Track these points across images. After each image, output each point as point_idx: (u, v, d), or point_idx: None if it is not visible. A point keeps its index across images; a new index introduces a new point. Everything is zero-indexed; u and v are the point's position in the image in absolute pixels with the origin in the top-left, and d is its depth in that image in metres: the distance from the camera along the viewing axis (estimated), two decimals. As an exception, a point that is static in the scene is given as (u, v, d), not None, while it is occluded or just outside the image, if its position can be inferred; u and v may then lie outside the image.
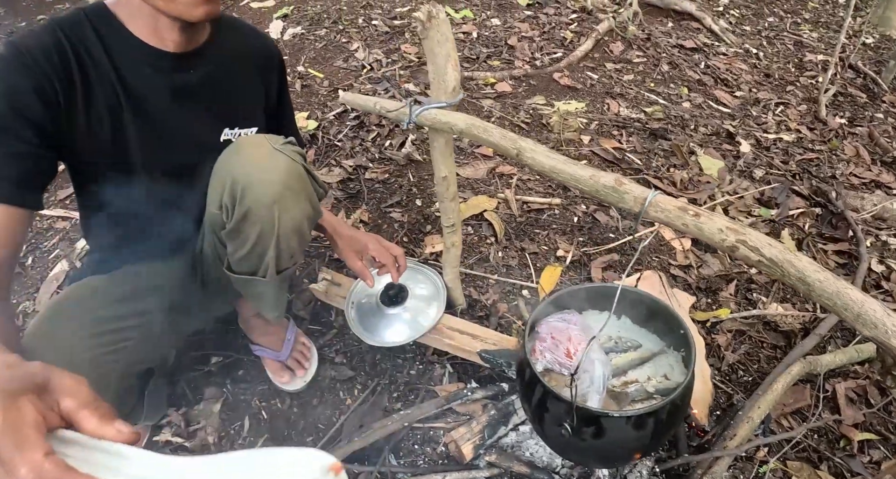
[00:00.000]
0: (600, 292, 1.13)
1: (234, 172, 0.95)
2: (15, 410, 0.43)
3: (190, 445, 1.31)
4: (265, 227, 0.98)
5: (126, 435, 0.44)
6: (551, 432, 0.93)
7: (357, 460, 1.19)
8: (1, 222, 0.84)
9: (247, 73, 1.12)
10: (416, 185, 1.91)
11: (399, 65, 2.55)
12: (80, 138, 0.93)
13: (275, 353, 1.35)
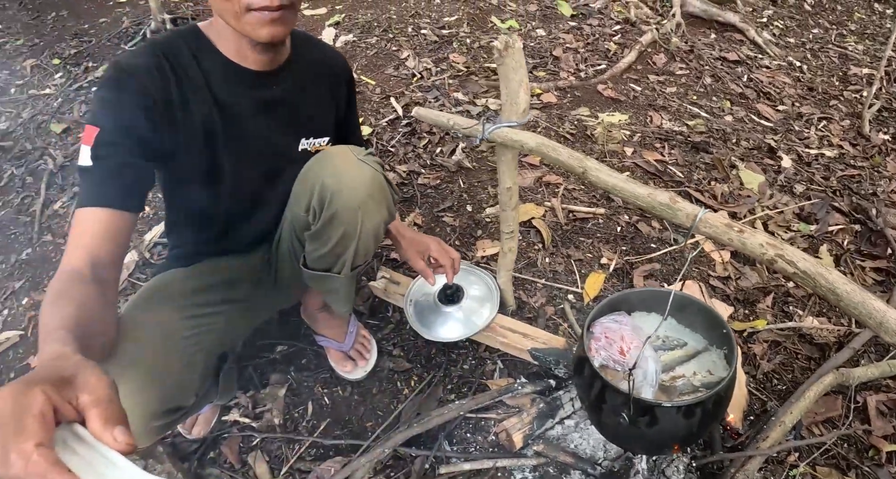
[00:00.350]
0: (648, 296, 1.25)
1: (324, 179, 1.08)
2: (24, 398, 0.45)
3: (257, 425, 1.47)
4: (349, 229, 1.12)
5: (121, 445, 0.45)
6: (609, 421, 1.06)
7: (414, 444, 1.34)
8: (111, 225, 0.93)
9: (321, 87, 1.25)
10: (467, 191, 2.05)
11: (448, 74, 2.70)
12: (177, 149, 1.05)
13: (338, 344, 1.50)
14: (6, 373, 1.77)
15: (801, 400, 1.46)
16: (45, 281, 2.05)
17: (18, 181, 2.53)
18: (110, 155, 0.94)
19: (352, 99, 1.37)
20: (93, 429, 0.46)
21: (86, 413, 0.46)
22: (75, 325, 0.72)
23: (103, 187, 0.93)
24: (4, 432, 0.43)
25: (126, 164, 0.95)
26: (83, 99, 2.93)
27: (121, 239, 0.95)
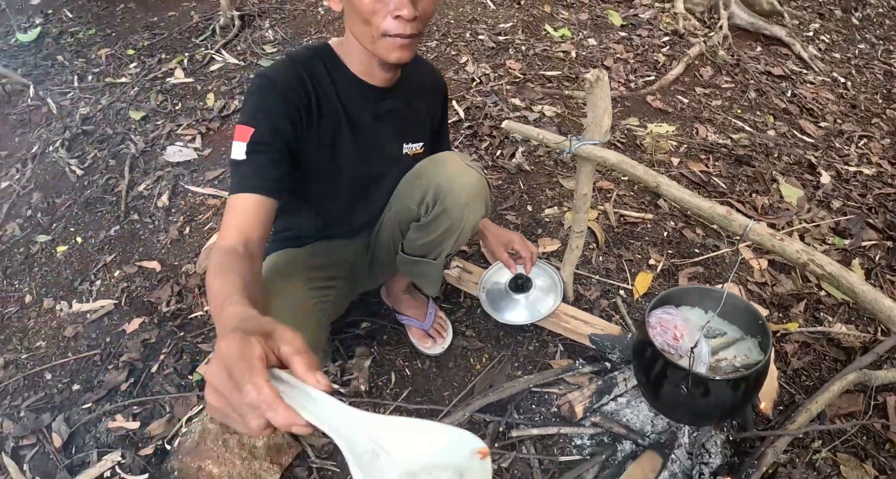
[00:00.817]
0: (694, 293, 1.52)
1: (439, 179, 1.35)
2: (248, 343, 0.55)
3: (345, 391, 1.77)
4: (454, 223, 1.39)
5: (322, 385, 0.55)
6: (667, 394, 1.34)
7: (488, 411, 1.62)
8: (261, 209, 1.11)
9: (423, 101, 1.53)
10: (527, 192, 2.34)
11: (505, 80, 2.98)
12: (309, 150, 1.30)
13: (420, 323, 1.79)
14: (102, 337, 2.08)
15: (826, 392, 1.72)
16: (134, 256, 2.36)
17: (102, 163, 2.84)
18: (262, 152, 1.17)
19: (445, 110, 1.65)
20: (298, 372, 0.55)
21: (289, 360, 0.56)
22: (243, 291, 0.86)
23: (255, 178, 1.14)
24: (239, 367, 0.53)
25: (275, 160, 1.19)
26: (159, 89, 3.25)
27: (267, 222, 1.13)
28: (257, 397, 0.51)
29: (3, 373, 2.03)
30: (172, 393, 1.82)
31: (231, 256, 1.00)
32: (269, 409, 0.51)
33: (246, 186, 1.13)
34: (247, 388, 0.52)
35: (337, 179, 1.43)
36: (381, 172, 1.50)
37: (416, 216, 1.43)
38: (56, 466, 1.73)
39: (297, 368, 0.56)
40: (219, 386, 0.54)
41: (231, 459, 1.49)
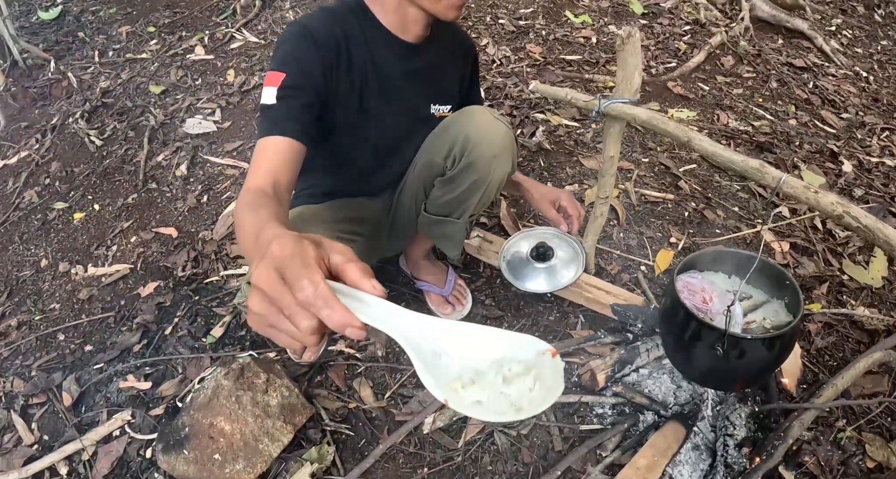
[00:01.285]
0: (720, 256, 1.46)
1: (468, 130, 1.30)
2: (302, 244, 0.51)
3: (361, 356, 1.73)
4: (481, 176, 1.34)
5: (378, 290, 0.51)
6: (700, 357, 1.28)
7: (506, 377, 1.57)
8: (290, 153, 1.09)
9: (453, 61, 1.50)
10: (547, 169, 2.29)
11: (525, 62, 2.93)
12: (336, 101, 1.28)
13: (439, 289, 1.75)
14: (116, 300, 2.05)
15: (852, 369, 1.66)
16: (151, 222, 2.33)
17: (121, 134, 2.82)
18: (293, 96, 1.15)
19: (475, 72, 1.61)
20: (352, 278, 0.51)
21: (342, 268, 0.52)
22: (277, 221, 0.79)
23: (286, 122, 1.12)
24: (294, 264, 0.49)
25: (305, 105, 1.17)
26: (179, 65, 3.23)
27: (295, 167, 1.11)
28: (313, 293, 0.47)
29: (16, 334, 2.01)
30: (185, 355, 1.79)
31: (261, 195, 0.97)
32: (325, 306, 0.47)
33: (276, 128, 1.10)
34: (302, 283, 0.47)
35: (362, 135, 1.40)
36: (407, 131, 1.47)
37: (442, 171, 1.39)
38: (65, 424, 1.70)
39: (351, 274, 0.52)
40: (269, 286, 0.49)
41: (244, 416, 1.44)
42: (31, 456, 1.63)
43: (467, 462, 1.46)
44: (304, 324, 0.48)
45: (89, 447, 1.62)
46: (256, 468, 1.41)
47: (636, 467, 1.37)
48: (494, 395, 0.47)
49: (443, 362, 0.50)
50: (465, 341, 0.51)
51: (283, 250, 0.50)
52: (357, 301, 0.51)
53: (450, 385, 0.48)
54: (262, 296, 0.50)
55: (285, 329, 0.50)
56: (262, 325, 0.51)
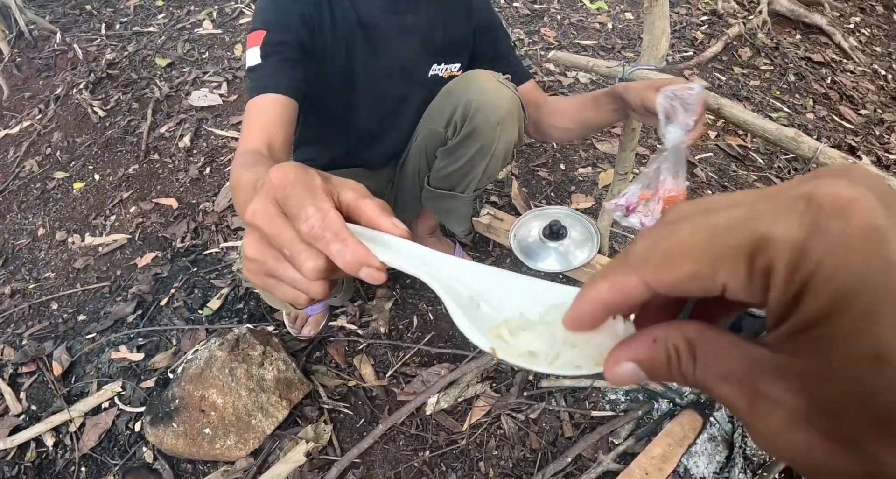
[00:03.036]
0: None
1: (469, 95, 1.18)
2: (307, 172, 0.41)
3: (363, 332, 1.63)
4: (485, 145, 1.23)
5: (400, 230, 0.41)
6: None
7: (514, 359, 1.47)
8: (283, 110, 1.01)
9: (456, 16, 1.33)
10: (560, 151, 2.18)
11: (539, 46, 2.82)
12: (324, 57, 1.17)
13: (446, 267, 1.64)
14: (112, 270, 1.95)
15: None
16: (151, 193, 2.24)
17: (125, 106, 2.72)
18: (278, 52, 1.06)
19: (493, 28, 1.39)
20: (369, 215, 0.41)
21: (356, 205, 0.41)
22: None
23: (274, 78, 1.03)
24: (297, 190, 0.39)
25: (292, 59, 1.07)
26: (186, 38, 3.12)
27: (289, 125, 1.02)
28: (320, 223, 0.37)
29: (8, 302, 1.92)
30: (180, 326, 1.69)
31: (257, 155, 0.89)
32: (336, 239, 0.37)
33: (265, 86, 1.02)
34: (308, 211, 0.37)
35: (353, 99, 1.28)
36: (404, 94, 1.34)
37: (444, 140, 1.28)
38: (54, 394, 1.61)
39: (367, 211, 0.41)
40: (266, 222, 0.39)
41: (237, 389, 1.35)
42: (17, 426, 1.56)
43: (472, 446, 1.36)
44: (309, 265, 0.38)
45: (77, 418, 1.54)
46: (248, 445, 1.32)
47: (651, 455, 1.27)
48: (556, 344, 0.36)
49: (483, 311, 0.39)
50: (509, 289, 0.40)
51: (283, 177, 0.40)
52: (376, 244, 0.40)
53: (494, 332, 0.37)
54: (258, 236, 0.40)
55: (286, 276, 0.40)
56: (259, 274, 0.41)
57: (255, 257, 0.41)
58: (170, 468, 1.37)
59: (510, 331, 0.36)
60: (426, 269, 0.39)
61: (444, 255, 0.41)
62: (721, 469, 1.32)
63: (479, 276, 0.40)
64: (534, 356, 0.35)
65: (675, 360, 0.24)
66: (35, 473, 1.46)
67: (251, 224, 0.40)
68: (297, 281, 0.39)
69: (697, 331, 0.24)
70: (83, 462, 1.45)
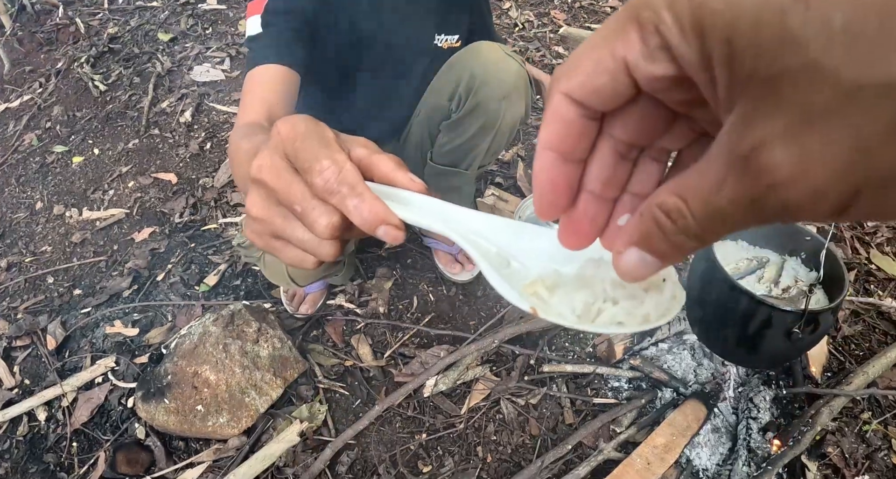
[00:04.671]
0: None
1: (474, 68, 1.14)
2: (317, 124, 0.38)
3: (361, 312, 1.59)
4: (490, 119, 1.18)
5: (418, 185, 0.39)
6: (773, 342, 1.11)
7: (517, 343, 1.43)
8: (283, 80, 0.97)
9: None
10: (567, 134, 2.13)
11: (549, 28, 2.76)
12: (324, 31, 1.12)
13: (448, 246, 1.60)
14: (109, 245, 1.91)
15: (883, 358, 1.52)
16: (151, 168, 2.19)
17: (126, 80, 2.67)
18: (279, 21, 1.01)
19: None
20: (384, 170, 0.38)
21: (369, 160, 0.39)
22: None
23: (276, 48, 0.99)
24: (310, 142, 0.36)
25: (294, 29, 1.03)
26: (190, 13, 3.06)
27: (291, 97, 0.98)
28: (336, 176, 0.34)
29: (4, 275, 1.88)
30: (176, 302, 1.65)
31: (256, 126, 0.83)
32: (352, 193, 0.34)
33: (265, 57, 0.97)
34: (323, 163, 0.34)
35: (357, 68, 1.24)
36: (408, 64, 1.30)
37: (447, 114, 1.24)
38: (47, 368, 1.57)
39: (381, 166, 0.38)
40: (274, 177, 0.35)
41: (231, 366, 1.31)
42: (9, 400, 1.52)
43: (470, 430, 1.32)
44: (323, 221, 0.34)
45: (70, 393, 1.50)
46: (241, 423, 1.28)
47: (653, 445, 1.23)
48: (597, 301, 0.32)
49: (513, 268, 0.35)
50: (540, 244, 0.36)
51: (293, 128, 0.36)
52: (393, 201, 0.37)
53: (529, 289, 0.33)
54: (265, 192, 0.36)
55: (295, 236, 0.36)
56: (264, 235, 0.38)
57: (260, 216, 0.37)
58: (161, 444, 1.33)
59: (547, 289, 0.32)
60: (450, 225, 0.35)
61: (466, 209, 0.37)
62: (724, 461, 1.28)
63: (507, 231, 0.37)
64: (575, 315, 0.31)
65: (665, 220, 0.23)
66: (26, 447, 1.42)
67: (257, 180, 0.36)
68: (307, 241, 0.36)
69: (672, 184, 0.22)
70: (74, 437, 1.42)
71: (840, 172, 0.17)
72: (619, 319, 0.31)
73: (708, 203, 0.21)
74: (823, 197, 0.18)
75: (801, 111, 0.17)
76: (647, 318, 0.31)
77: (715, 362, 1.41)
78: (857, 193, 0.18)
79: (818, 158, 0.17)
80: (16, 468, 1.39)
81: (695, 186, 0.21)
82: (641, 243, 0.24)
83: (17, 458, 1.41)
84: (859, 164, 0.17)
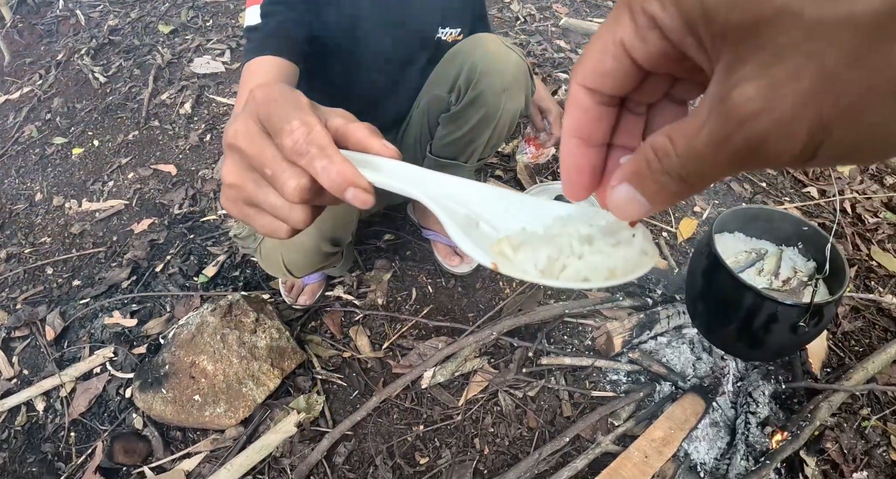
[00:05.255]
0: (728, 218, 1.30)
1: (474, 59, 1.14)
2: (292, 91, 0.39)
3: (360, 303, 1.59)
4: (489, 111, 1.18)
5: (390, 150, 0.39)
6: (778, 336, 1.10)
7: (515, 336, 1.43)
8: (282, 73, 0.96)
9: None
10: (568, 128, 2.13)
11: (551, 22, 2.75)
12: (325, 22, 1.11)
13: (447, 239, 1.60)
14: (109, 236, 1.91)
15: (883, 354, 1.52)
16: (150, 159, 2.19)
17: (126, 72, 2.67)
18: (279, 12, 1.00)
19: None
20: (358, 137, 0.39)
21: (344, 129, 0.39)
22: None
23: (275, 39, 0.98)
24: (281, 105, 0.36)
25: (293, 20, 1.02)
26: (190, 5, 3.05)
27: None
28: (305, 137, 0.34)
29: (4, 266, 1.88)
30: (175, 293, 1.65)
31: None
32: (322, 155, 0.34)
33: (264, 49, 0.96)
34: (293, 124, 0.34)
35: (358, 58, 1.23)
36: (408, 57, 1.30)
37: (447, 106, 1.23)
38: (45, 358, 1.57)
39: (356, 133, 0.38)
40: (247, 141, 0.36)
41: (228, 356, 1.31)
42: (8, 390, 1.53)
43: (467, 422, 1.32)
44: (292, 183, 0.34)
45: (68, 383, 1.50)
46: (238, 413, 1.28)
47: (651, 438, 1.23)
48: (561, 256, 0.32)
49: (482, 230, 0.36)
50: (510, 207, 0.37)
51: (267, 93, 0.37)
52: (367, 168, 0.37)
53: (496, 249, 0.33)
54: (239, 158, 0.37)
55: (267, 202, 0.36)
56: (237, 202, 0.38)
57: (233, 182, 0.37)
58: (159, 435, 1.34)
59: (512, 247, 0.33)
60: (420, 187, 0.36)
61: (440, 174, 0.38)
62: (722, 456, 1.28)
63: (478, 194, 0.38)
64: (538, 270, 0.31)
65: (653, 157, 0.24)
66: (25, 437, 1.43)
67: (231, 146, 0.37)
68: (278, 207, 0.36)
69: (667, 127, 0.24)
70: (72, 427, 1.42)
71: (805, 102, 0.19)
72: (584, 274, 0.31)
73: (689, 142, 0.22)
74: (791, 130, 0.19)
75: (771, 52, 0.19)
76: (614, 273, 0.31)
77: (714, 355, 1.41)
78: (824, 126, 0.19)
79: (784, 89, 0.19)
80: (14, 457, 1.40)
81: (682, 129, 0.23)
82: (632, 178, 0.26)
83: (14, 448, 1.41)
84: (823, 91, 0.18)
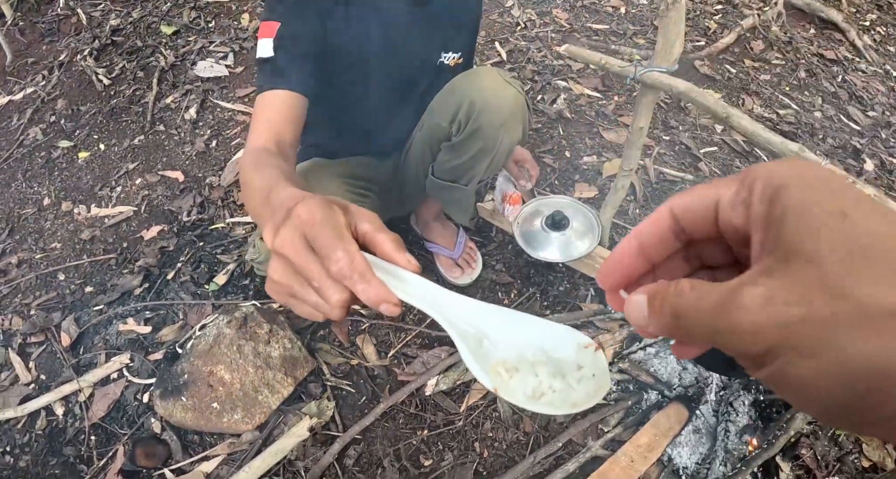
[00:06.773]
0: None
1: (473, 94, 1.23)
2: (332, 210, 0.46)
3: (365, 312, 1.71)
4: (488, 144, 1.28)
5: (413, 265, 0.47)
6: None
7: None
8: (293, 107, 1.05)
9: (464, 8, 1.40)
10: (566, 138, 2.24)
11: (551, 28, 2.86)
12: (336, 43, 1.20)
13: (449, 251, 1.72)
14: (119, 242, 2.02)
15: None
16: (157, 165, 2.29)
17: (130, 74, 2.76)
18: (291, 46, 1.09)
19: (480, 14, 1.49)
20: (385, 250, 0.46)
21: (372, 238, 0.47)
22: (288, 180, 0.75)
23: (285, 74, 1.07)
24: (325, 233, 0.44)
25: (305, 54, 1.11)
26: (192, 6, 3.14)
27: (299, 122, 1.08)
28: (349, 265, 0.43)
29: (16, 271, 1.98)
30: (187, 301, 1.77)
31: (265, 153, 0.93)
32: (361, 279, 0.43)
33: (275, 82, 1.06)
34: (338, 254, 0.43)
35: (365, 81, 1.33)
36: (413, 80, 1.40)
37: (448, 135, 1.33)
38: (62, 365, 1.68)
39: (383, 246, 0.47)
40: (295, 255, 0.45)
41: (244, 366, 1.43)
42: (27, 395, 1.62)
43: (468, 427, 1.45)
44: (336, 298, 0.44)
45: (86, 388, 1.62)
46: (255, 419, 1.41)
47: (637, 444, 1.36)
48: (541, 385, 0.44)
49: (484, 348, 0.46)
50: (511, 328, 0.46)
51: (311, 215, 0.46)
52: (390, 276, 0.47)
53: (493, 369, 0.45)
54: (285, 265, 0.46)
55: (311, 301, 0.46)
56: (282, 294, 0.47)
57: (280, 281, 0.47)
58: (177, 438, 1.46)
59: (506, 370, 0.44)
60: (438, 309, 0.46)
61: (451, 293, 0.47)
62: (703, 461, 1.42)
63: (484, 315, 0.46)
64: (526, 396, 0.43)
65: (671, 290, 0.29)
66: (46, 441, 1.53)
67: (279, 253, 0.47)
68: (320, 305, 0.46)
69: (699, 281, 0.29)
70: (93, 431, 1.54)
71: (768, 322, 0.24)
72: (555, 404, 0.42)
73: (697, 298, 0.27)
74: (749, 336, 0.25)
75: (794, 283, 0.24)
76: (576, 404, 0.42)
77: (699, 366, 1.54)
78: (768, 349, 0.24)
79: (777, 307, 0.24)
80: (36, 460, 1.51)
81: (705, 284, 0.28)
82: (650, 293, 0.30)
83: (36, 451, 1.52)
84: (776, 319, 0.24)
